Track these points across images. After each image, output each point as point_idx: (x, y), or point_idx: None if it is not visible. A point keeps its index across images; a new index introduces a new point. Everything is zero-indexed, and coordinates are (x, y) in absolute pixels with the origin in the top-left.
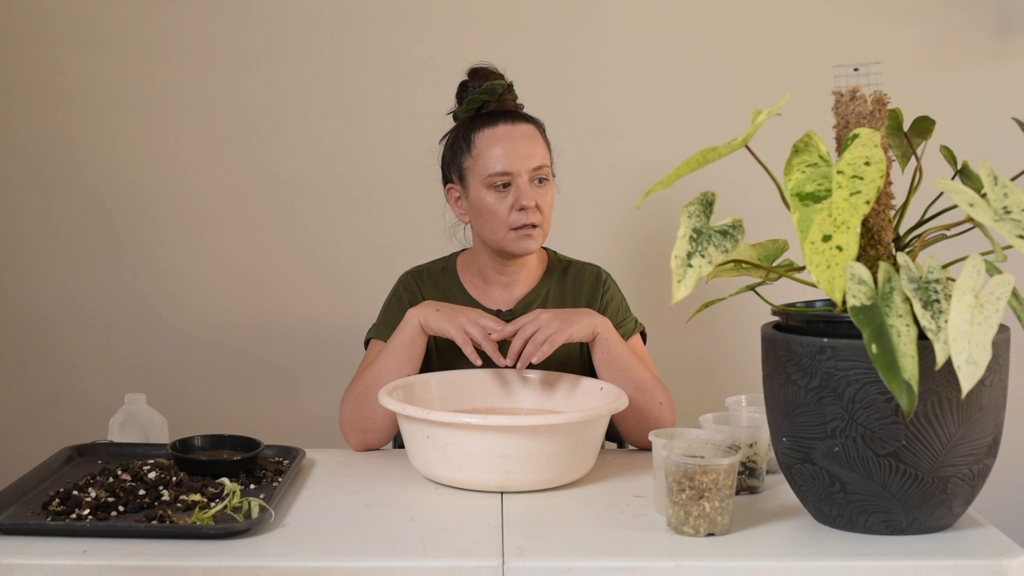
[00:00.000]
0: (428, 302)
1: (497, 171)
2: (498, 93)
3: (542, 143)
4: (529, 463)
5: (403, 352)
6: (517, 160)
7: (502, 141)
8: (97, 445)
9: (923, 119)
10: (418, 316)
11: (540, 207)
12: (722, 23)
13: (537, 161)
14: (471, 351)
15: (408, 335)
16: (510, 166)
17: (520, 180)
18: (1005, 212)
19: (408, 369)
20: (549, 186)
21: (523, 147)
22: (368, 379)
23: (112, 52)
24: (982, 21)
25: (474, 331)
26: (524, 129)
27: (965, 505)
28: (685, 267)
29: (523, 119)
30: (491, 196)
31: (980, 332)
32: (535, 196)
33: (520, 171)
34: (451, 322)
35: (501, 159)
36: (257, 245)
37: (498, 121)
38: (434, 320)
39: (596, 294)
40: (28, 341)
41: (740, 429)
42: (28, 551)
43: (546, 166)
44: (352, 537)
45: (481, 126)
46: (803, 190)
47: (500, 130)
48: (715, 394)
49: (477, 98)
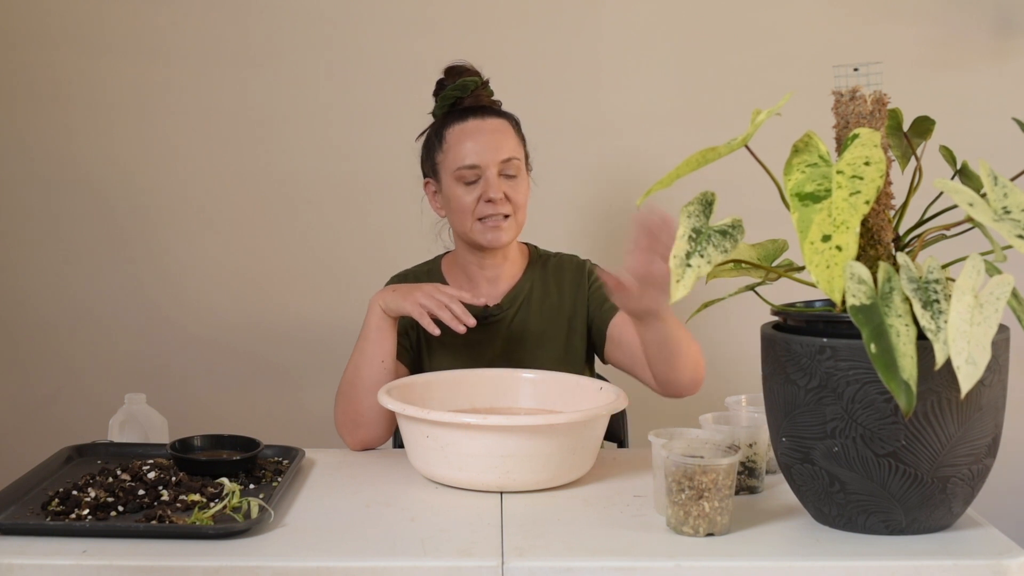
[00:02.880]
0: (387, 287)
1: (465, 164)
2: (470, 89)
3: (513, 137)
4: (529, 463)
5: (373, 341)
6: (485, 153)
7: (471, 135)
8: (97, 445)
9: (923, 119)
10: (378, 302)
11: (511, 198)
12: (722, 23)
13: (506, 154)
14: (428, 322)
15: (375, 323)
16: (478, 159)
17: (488, 173)
18: (1005, 212)
19: (382, 355)
20: (521, 179)
21: (491, 140)
22: (348, 374)
23: (112, 52)
24: (982, 21)
25: (428, 303)
26: (493, 123)
27: (965, 505)
28: (684, 267)
29: (494, 114)
30: (460, 189)
31: (980, 332)
32: (504, 188)
33: (488, 164)
34: (406, 299)
35: (470, 152)
36: (257, 245)
37: (468, 116)
38: (392, 301)
39: (580, 280)
40: (28, 341)
41: (740, 429)
42: (28, 551)
43: (516, 159)
44: (352, 537)
45: (452, 122)
46: (803, 190)
47: (469, 124)
48: (715, 394)
49: (450, 95)
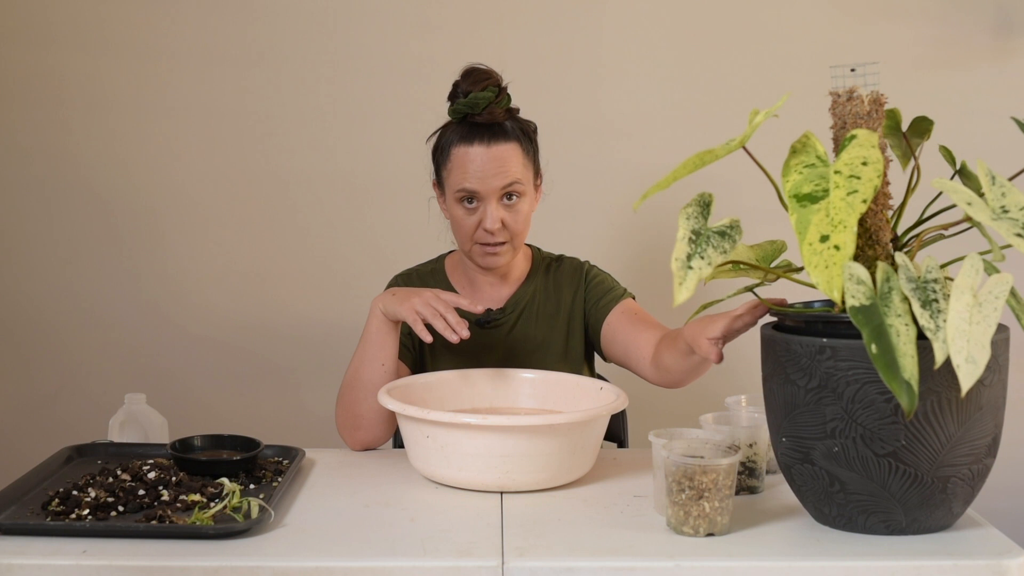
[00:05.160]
0: (388, 289)
1: (465, 188)
2: (481, 107)
3: (519, 160)
4: (529, 463)
5: (373, 343)
6: (486, 182)
7: (474, 161)
8: (97, 445)
9: (921, 119)
10: (379, 305)
11: (508, 225)
12: (721, 23)
13: (508, 179)
14: (421, 329)
15: (375, 326)
16: (478, 186)
17: (488, 203)
18: (1003, 211)
19: (382, 358)
20: (522, 201)
21: (493, 168)
22: (348, 376)
23: (112, 52)
24: (982, 21)
25: (424, 310)
26: (498, 150)
27: (965, 505)
28: (685, 269)
29: (502, 137)
30: (460, 210)
31: (979, 331)
32: (501, 215)
33: (488, 193)
34: (403, 304)
35: (470, 178)
36: (257, 245)
37: (474, 140)
38: (391, 305)
39: (578, 281)
40: (28, 341)
41: (740, 429)
42: (28, 551)
43: (519, 182)
44: (352, 537)
45: (459, 140)
46: (800, 191)
47: (474, 151)
48: (715, 394)
49: (461, 109)
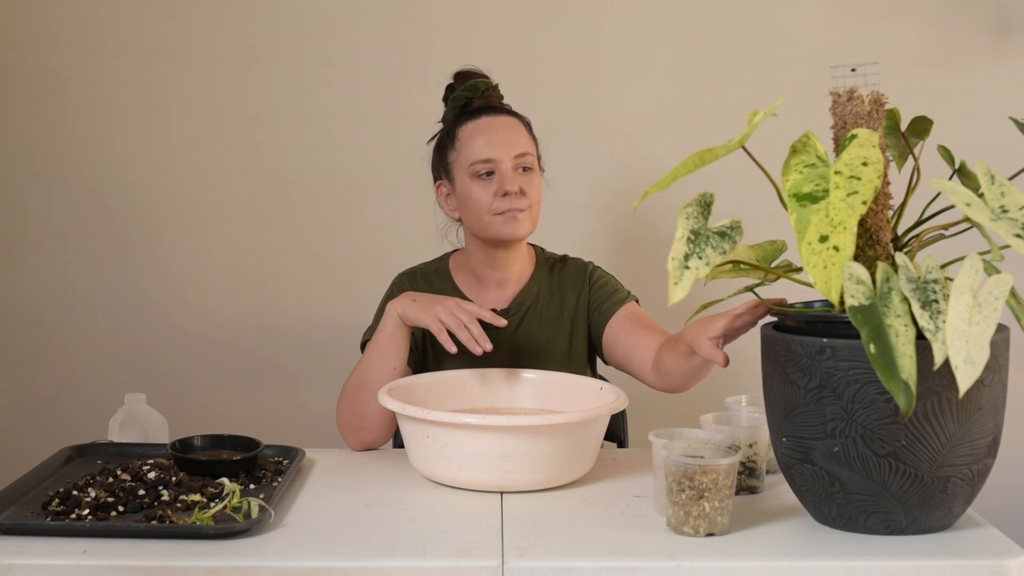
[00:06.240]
0: (407, 293)
1: (480, 159)
2: (481, 90)
3: (525, 134)
4: (529, 463)
5: (387, 346)
6: (499, 148)
7: (484, 131)
8: (97, 445)
9: (921, 119)
10: (397, 308)
11: (526, 192)
12: (721, 23)
13: (520, 148)
14: (446, 339)
15: (390, 329)
16: (492, 153)
17: (503, 167)
18: (1002, 211)
19: (394, 362)
20: (535, 175)
21: (505, 136)
22: (356, 377)
23: (112, 52)
24: (981, 21)
25: (448, 320)
26: (506, 120)
27: (965, 505)
28: (682, 269)
29: (506, 112)
30: (475, 185)
31: (978, 332)
32: (519, 182)
33: (502, 158)
34: (426, 312)
35: (483, 148)
36: (257, 245)
37: (480, 115)
38: (411, 310)
39: (582, 283)
40: (28, 341)
41: (740, 429)
42: (28, 551)
43: (530, 154)
44: (352, 537)
45: (464, 120)
46: (800, 191)
47: (482, 122)
48: (715, 394)
49: (461, 96)
